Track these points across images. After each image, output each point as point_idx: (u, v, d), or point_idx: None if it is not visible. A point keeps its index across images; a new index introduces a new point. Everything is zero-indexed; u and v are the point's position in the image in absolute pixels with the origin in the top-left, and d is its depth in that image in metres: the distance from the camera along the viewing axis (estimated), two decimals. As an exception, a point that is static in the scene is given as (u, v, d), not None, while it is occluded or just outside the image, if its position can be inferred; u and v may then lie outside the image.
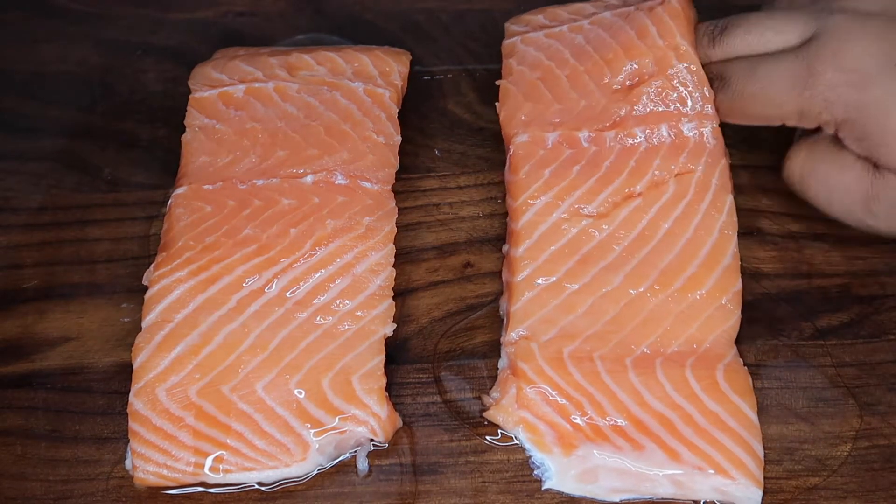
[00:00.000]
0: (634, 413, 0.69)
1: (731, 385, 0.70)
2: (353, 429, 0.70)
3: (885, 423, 0.73)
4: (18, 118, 0.91)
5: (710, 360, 0.71)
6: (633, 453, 0.68)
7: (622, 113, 0.79)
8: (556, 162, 0.78)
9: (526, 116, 0.80)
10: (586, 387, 0.70)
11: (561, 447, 0.69)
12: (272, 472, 0.69)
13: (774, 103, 0.74)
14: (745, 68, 0.76)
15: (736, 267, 0.74)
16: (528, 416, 0.70)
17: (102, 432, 0.73)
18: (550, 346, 0.72)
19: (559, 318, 0.73)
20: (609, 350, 0.72)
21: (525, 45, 0.84)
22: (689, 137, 0.78)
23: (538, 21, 0.86)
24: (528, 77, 0.82)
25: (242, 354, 0.71)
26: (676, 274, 0.73)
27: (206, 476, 0.69)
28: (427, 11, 0.97)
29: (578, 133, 0.79)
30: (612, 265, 0.74)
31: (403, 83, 0.85)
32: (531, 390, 0.70)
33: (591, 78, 0.81)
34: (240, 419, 0.69)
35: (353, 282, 0.74)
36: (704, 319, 0.72)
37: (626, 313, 0.73)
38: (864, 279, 0.79)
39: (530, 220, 0.76)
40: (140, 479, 0.69)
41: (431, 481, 0.71)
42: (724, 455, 0.68)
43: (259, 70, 0.84)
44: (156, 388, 0.70)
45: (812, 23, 0.74)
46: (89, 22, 0.98)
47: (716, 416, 0.69)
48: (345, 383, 0.70)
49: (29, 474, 0.72)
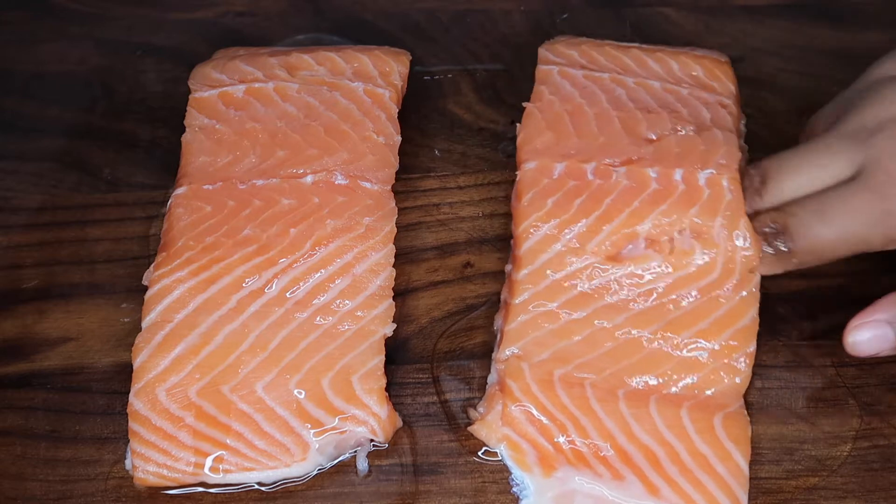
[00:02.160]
0: (619, 442, 0.68)
1: (727, 431, 0.69)
2: (353, 429, 0.70)
3: (885, 423, 0.73)
4: (18, 118, 0.91)
5: (711, 407, 0.70)
6: (612, 482, 0.68)
7: (641, 153, 0.77)
8: (560, 192, 0.76)
9: (542, 145, 0.79)
10: (573, 410, 0.69)
11: (541, 467, 0.69)
12: (272, 472, 0.69)
13: (862, 241, 0.70)
14: (812, 214, 0.70)
15: (753, 330, 0.71)
16: (511, 433, 0.69)
17: (102, 432, 0.73)
18: (541, 368, 0.71)
19: (554, 341, 0.72)
20: (602, 379, 0.71)
21: (562, 78, 0.83)
22: (702, 187, 0.75)
23: (574, 58, 0.84)
24: (556, 108, 0.81)
25: (242, 354, 0.71)
26: (685, 325, 0.71)
27: (206, 476, 0.69)
28: (427, 11, 0.97)
29: (585, 165, 0.77)
30: (616, 305, 0.73)
31: (403, 83, 0.85)
32: (516, 408, 0.70)
33: (621, 123, 0.79)
34: (240, 419, 0.69)
35: (353, 282, 0.74)
36: (708, 372, 0.71)
37: (624, 348, 0.71)
38: (863, 279, 0.79)
39: (531, 248, 0.74)
40: (140, 479, 0.69)
41: (431, 481, 0.71)
42: (705, 498, 0.67)
43: (259, 70, 0.84)
44: (156, 388, 0.70)
45: (857, 148, 0.71)
46: (89, 22, 0.98)
47: (704, 458, 0.68)
48: (345, 383, 0.70)
49: (28, 474, 0.72)
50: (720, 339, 0.71)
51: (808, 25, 0.95)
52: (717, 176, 0.75)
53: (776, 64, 0.93)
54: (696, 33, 0.94)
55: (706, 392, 0.70)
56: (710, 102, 0.81)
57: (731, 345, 0.71)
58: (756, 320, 0.72)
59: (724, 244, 0.73)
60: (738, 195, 0.74)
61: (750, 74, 0.91)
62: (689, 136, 0.78)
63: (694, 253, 0.73)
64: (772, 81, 0.91)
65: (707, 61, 0.85)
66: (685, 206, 0.74)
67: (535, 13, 0.97)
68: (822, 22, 0.96)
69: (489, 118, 0.89)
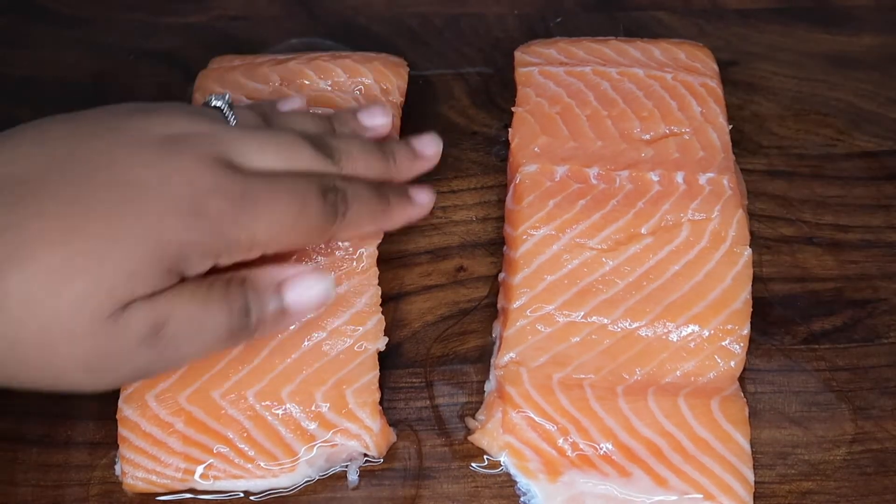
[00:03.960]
0: (622, 439, 0.68)
1: (724, 414, 0.69)
2: (345, 442, 0.69)
3: (879, 428, 0.72)
4: (11, 123, 0.90)
5: (707, 392, 0.70)
6: (619, 480, 0.68)
7: (641, 157, 0.78)
8: (562, 195, 0.76)
9: (539, 148, 0.79)
10: (573, 412, 0.69)
11: (547, 473, 0.69)
12: (260, 481, 0.69)
13: None
14: None
15: (746, 312, 0.72)
16: (513, 441, 0.69)
17: (94, 437, 0.73)
18: (540, 372, 0.71)
19: (552, 345, 0.72)
20: (600, 378, 0.71)
21: (544, 78, 0.83)
22: (703, 186, 0.76)
23: (552, 55, 0.85)
24: (546, 110, 0.81)
25: (233, 360, 0.71)
26: (680, 311, 0.72)
27: (195, 483, 0.69)
28: (420, 15, 0.97)
29: (588, 169, 0.77)
30: (613, 299, 0.73)
31: (402, 98, 0.85)
32: (517, 415, 0.69)
33: (614, 124, 0.80)
34: (230, 426, 0.69)
35: (338, 300, 0.72)
36: (704, 358, 0.71)
37: (621, 345, 0.71)
38: (857, 283, 0.79)
39: (529, 250, 0.74)
40: (129, 485, 0.69)
41: (425, 486, 0.71)
42: (712, 481, 0.67)
43: (260, 83, 0.84)
44: (145, 393, 0.70)
45: None
46: (82, 26, 0.97)
47: (705, 442, 0.68)
48: (338, 396, 0.70)
49: (20, 480, 0.71)
50: (714, 324, 0.71)
51: (801, 29, 0.96)
52: (719, 177, 0.76)
53: (769, 68, 0.93)
54: (689, 37, 0.93)
55: (702, 379, 0.71)
56: (695, 87, 0.81)
57: (726, 328, 0.71)
58: (749, 302, 0.72)
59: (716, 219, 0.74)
60: (737, 191, 0.76)
61: (743, 78, 0.91)
62: (687, 141, 0.78)
63: (682, 227, 0.74)
64: (765, 85, 0.91)
65: (686, 46, 0.86)
66: (687, 203, 0.75)
67: (529, 17, 0.97)
68: (815, 26, 0.96)
69: (482, 122, 0.89)
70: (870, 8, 0.97)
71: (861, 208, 0.83)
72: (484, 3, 0.98)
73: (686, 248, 0.74)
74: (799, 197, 0.84)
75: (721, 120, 0.80)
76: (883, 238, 0.82)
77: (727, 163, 0.77)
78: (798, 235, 0.82)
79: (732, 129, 0.80)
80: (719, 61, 0.86)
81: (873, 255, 0.80)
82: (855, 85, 0.91)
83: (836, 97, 0.91)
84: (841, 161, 0.86)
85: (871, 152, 0.87)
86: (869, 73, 0.92)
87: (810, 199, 0.84)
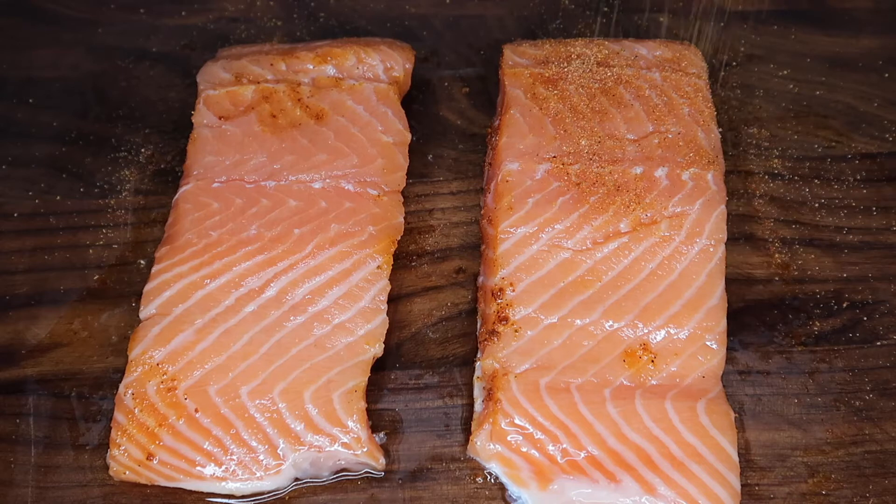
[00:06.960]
0: (611, 445, 0.68)
1: (711, 420, 0.69)
2: (329, 447, 0.69)
3: (878, 429, 0.73)
4: (11, 124, 0.91)
5: (693, 394, 0.70)
6: (609, 486, 0.68)
7: (626, 154, 0.78)
8: (542, 193, 0.77)
9: (525, 147, 0.79)
10: (563, 419, 0.69)
11: (537, 481, 0.68)
12: (244, 483, 0.69)
13: None
14: None
15: (722, 308, 0.72)
16: (503, 450, 0.69)
17: (94, 439, 0.73)
18: (526, 378, 0.71)
19: (535, 349, 0.72)
20: (586, 381, 0.71)
21: (532, 79, 0.83)
22: (686, 182, 0.77)
23: (540, 55, 0.85)
24: (534, 112, 0.81)
25: (234, 354, 0.71)
26: (658, 312, 0.72)
27: (181, 480, 0.69)
28: (420, 18, 0.97)
29: (571, 167, 0.78)
30: (591, 299, 0.73)
31: (406, 77, 0.85)
32: (507, 424, 0.69)
33: (600, 123, 0.80)
34: (220, 424, 0.69)
35: (349, 291, 0.74)
36: (686, 357, 0.71)
37: (603, 346, 0.72)
38: (855, 285, 0.79)
39: (507, 250, 0.75)
40: (115, 472, 0.69)
41: (424, 487, 0.71)
42: (699, 489, 0.67)
43: (266, 70, 0.85)
44: (146, 381, 0.70)
45: None
46: (82, 28, 0.98)
47: (693, 448, 0.68)
48: (326, 401, 0.70)
49: (21, 481, 0.71)
50: (692, 323, 0.72)
51: (800, 31, 0.96)
52: (702, 172, 0.77)
53: (769, 69, 0.93)
54: (689, 39, 0.94)
55: (687, 380, 0.71)
56: (683, 86, 0.82)
57: (704, 325, 0.72)
58: (724, 299, 0.73)
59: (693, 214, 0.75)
60: (722, 188, 0.76)
61: (743, 80, 0.91)
62: (673, 139, 0.79)
63: (661, 223, 0.75)
64: (764, 87, 0.91)
65: (675, 45, 0.86)
66: (667, 199, 0.76)
67: (528, 19, 0.97)
68: (814, 28, 0.96)
69: (482, 124, 0.89)
70: (869, 10, 0.97)
71: (860, 210, 0.83)
72: (483, 5, 0.98)
73: (663, 243, 0.74)
74: (798, 198, 0.84)
75: (709, 118, 0.80)
76: (882, 239, 0.82)
77: (714, 160, 0.78)
78: (797, 238, 0.82)
79: (732, 131, 0.80)
80: (719, 63, 0.86)
81: (871, 258, 0.80)
82: (854, 87, 0.92)
83: (836, 99, 0.91)
84: (840, 163, 0.86)
85: (869, 154, 0.87)
86: (868, 75, 0.92)
87: (809, 200, 0.84)
